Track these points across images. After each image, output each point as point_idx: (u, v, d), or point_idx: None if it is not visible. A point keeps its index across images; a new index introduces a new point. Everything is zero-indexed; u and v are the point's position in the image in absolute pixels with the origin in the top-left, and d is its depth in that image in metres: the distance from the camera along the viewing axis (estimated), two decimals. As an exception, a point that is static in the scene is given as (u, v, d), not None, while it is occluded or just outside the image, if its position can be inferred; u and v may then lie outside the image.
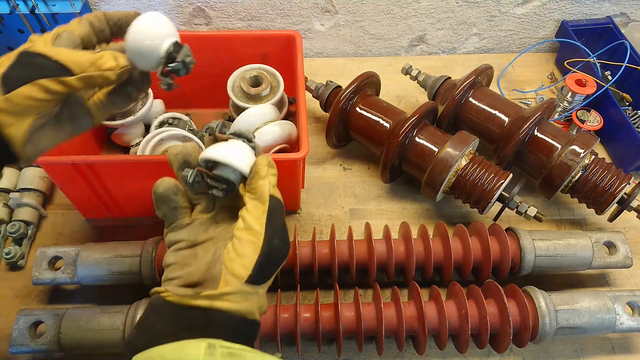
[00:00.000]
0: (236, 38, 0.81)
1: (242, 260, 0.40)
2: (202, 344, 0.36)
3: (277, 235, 0.42)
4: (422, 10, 0.98)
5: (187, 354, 0.36)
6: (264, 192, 0.43)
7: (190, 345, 0.37)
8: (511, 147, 0.73)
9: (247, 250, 0.41)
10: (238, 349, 0.37)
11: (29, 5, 0.87)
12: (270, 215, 0.42)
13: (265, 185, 0.43)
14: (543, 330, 0.60)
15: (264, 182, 0.43)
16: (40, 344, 0.58)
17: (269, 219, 0.42)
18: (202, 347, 0.36)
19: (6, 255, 0.70)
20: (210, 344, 0.36)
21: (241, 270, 0.40)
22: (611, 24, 1.00)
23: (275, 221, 0.42)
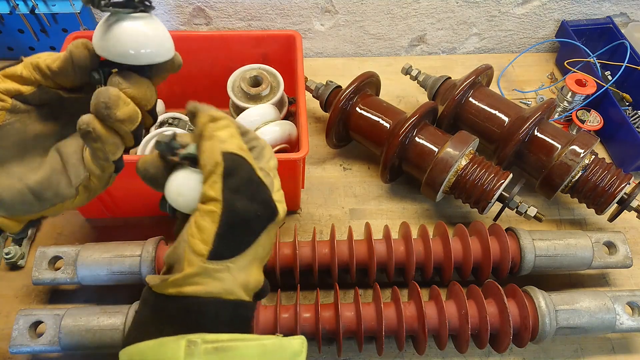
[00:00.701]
0: (236, 38, 0.81)
1: (201, 234, 0.34)
2: (182, 341, 0.32)
3: (240, 196, 0.35)
4: (422, 10, 0.98)
5: (166, 353, 0.32)
6: (212, 152, 0.35)
7: (169, 343, 0.32)
8: (511, 147, 0.73)
9: (206, 222, 0.34)
10: (226, 340, 0.33)
11: (29, 5, 0.87)
12: (227, 177, 0.35)
13: (212, 145, 0.36)
14: (543, 330, 0.60)
15: (210, 142, 0.36)
16: (40, 344, 0.58)
17: (226, 180, 0.35)
18: (182, 345, 0.32)
19: (6, 255, 0.70)
20: (191, 341, 0.32)
21: (201, 247, 0.34)
22: (611, 24, 1.00)
23: (235, 181, 0.35)
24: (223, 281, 0.35)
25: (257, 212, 0.36)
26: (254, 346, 0.34)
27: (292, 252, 0.66)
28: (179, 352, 0.32)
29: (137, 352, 0.34)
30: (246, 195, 0.35)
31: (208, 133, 0.36)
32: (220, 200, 0.34)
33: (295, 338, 0.36)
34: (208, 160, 0.35)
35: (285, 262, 0.66)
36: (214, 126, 0.36)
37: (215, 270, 0.34)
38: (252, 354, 0.34)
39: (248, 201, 0.35)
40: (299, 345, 0.35)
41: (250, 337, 0.35)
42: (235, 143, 0.36)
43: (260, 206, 0.36)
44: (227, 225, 0.34)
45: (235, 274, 0.35)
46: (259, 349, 0.34)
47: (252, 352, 0.34)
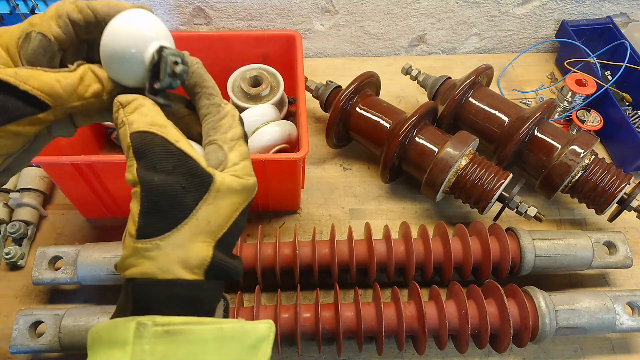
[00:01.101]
0: (236, 38, 0.81)
1: (131, 216, 0.34)
2: (132, 323, 0.31)
3: (157, 172, 0.33)
4: (422, 10, 0.98)
5: (117, 334, 0.32)
6: (124, 137, 0.35)
7: (120, 324, 0.32)
8: (511, 147, 0.73)
9: (133, 204, 0.34)
10: (178, 324, 0.32)
11: (29, 5, 0.87)
12: (139, 156, 0.34)
13: (123, 131, 0.35)
14: (543, 330, 0.60)
15: (122, 129, 0.35)
16: (40, 344, 0.58)
17: (140, 161, 0.34)
18: (131, 327, 0.31)
19: (6, 255, 0.70)
20: (141, 323, 0.31)
21: (131, 227, 0.33)
22: (611, 24, 1.00)
23: (148, 158, 0.34)
24: (155, 260, 0.33)
25: (182, 183, 0.34)
26: (210, 330, 0.32)
27: (292, 252, 0.66)
28: (129, 334, 0.31)
29: (96, 331, 0.33)
30: (164, 170, 0.34)
31: (120, 120, 0.35)
32: (137, 179, 0.33)
33: (261, 322, 0.34)
34: (123, 146, 0.35)
35: (285, 262, 0.66)
36: (124, 112, 0.35)
37: (144, 250, 0.33)
38: (206, 338, 0.32)
39: (167, 174, 0.34)
40: (265, 330, 0.34)
41: (207, 320, 0.33)
42: (144, 121, 0.35)
43: (184, 178, 0.34)
44: (148, 202, 0.33)
45: (169, 252, 0.33)
46: (215, 332, 0.32)
47: (206, 336, 0.32)
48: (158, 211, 0.33)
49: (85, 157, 0.62)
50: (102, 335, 0.33)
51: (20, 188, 0.74)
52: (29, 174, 0.75)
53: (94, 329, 0.34)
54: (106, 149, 0.84)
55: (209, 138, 0.37)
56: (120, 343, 0.31)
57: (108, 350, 0.32)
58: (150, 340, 0.31)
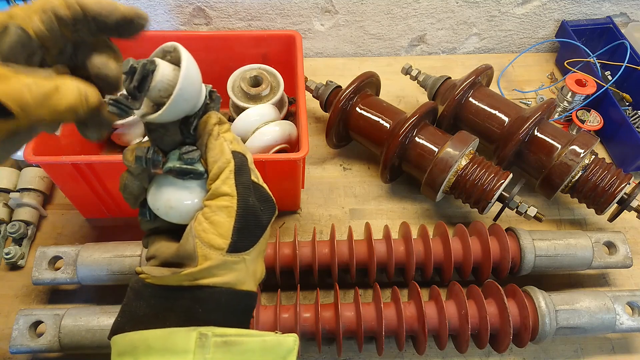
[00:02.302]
0: (236, 38, 0.81)
1: (217, 229, 0.35)
2: (193, 333, 0.33)
3: (250, 193, 0.37)
4: (422, 10, 0.98)
5: (176, 344, 0.33)
6: (223, 150, 0.36)
7: (179, 334, 0.33)
8: (511, 147, 0.73)
9: (221, 217, 0.35)
10: (234, 335, 0.34)
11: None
12: (238, 173, 0.36)
13: (221, 144, 0.37)
14: (543, 330, 0.60)
15: (219, 141, 0.37)
16: (40, 344, 0.58)
17: (238, 177, 0.36)
18: (193, 337, 0.33)
19: (6, 255, 0.70)
20: (202, 334, 0.33)
21: (219, 240, 0.35)
22: (611, 24, 1.00)
23: (244, 178, 0.37)
24: (239, 272, 0.36)
25: (261, 207, 0.38)
26: (257, 342, 0.36)
27: (292, 252, 0.66)
28: (190, 343, 0.33)
29: (142, 339, 0.34)
30: (255, 193, 0.38)
31: (216, 133, 0.37)
32: (235, 195, 0.36)
33: (289, 336, 0.38)
34: (218, 157, 0.37)
35: (285, 262, 0.66)
36: (222, 128, 0.38)
37: (233, 262, 0.36)
38: (254, 349, 0.36)
39: (256, 199, 0.38)
40: (292, 343, 0.38)
41: (253, 332, 0.37)
42: (240, 146, 0.39)
43: (262, 201, 0.38)
44: (243, 219, 0.36)
45: (249, 265, 0.37)
46: (260, 344, 0.36)
47: (254, 347, 0.36)
48: (248, 228, 0.37)
49: (85, 157, 0.62)
50: (153, 344, 0.34)
51: (20, 188, 0.74)
52: (29, 174, 0.75)
53: (134, 337, 0.34)
54: (106, 149, 0.84)
55: None
56: (180, 352, 0.33)
57: (163, 358, 0.33)
58: (211, 350, 0.33)
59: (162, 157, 0.37)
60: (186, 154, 0.37)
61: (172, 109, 0.34)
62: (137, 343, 0.34)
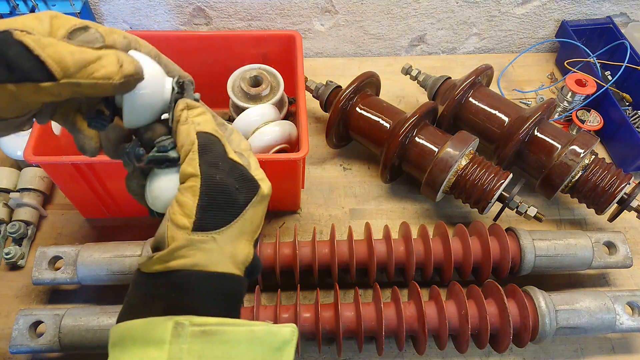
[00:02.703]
0: (236, 38, 0.81)
1: (183, 209, 0.35)
2: (169, 322, 0.32)
3: (218, 170, 0.36)
4: (422, 10, 0.98)
5: (154, 332, 0.32)
6: (188, 133, 0.36)
7: (157, 323, 0.33)
8: (511, 147, 0.73)
9: (186, 197, 0.35)
10: (214, 324, 0.33)
11: (29, 5, 0.87)
12: (203, 152, 0.36)
13: (187, 127, 0.37)
14: (543, 330, 0.60)
15: (186, 126, 0.37)
16: (40, 344, 0.58)
17: (203, 156, 0.36)
18: (169, 326, 0.32)
19: (6, 255, 0.70)
20: (178, 323, 0.32)
21: (184, 220, 0.34)
22: (611, 24, 1.00)
23: (211, 157, 0.36)
24: (209, 252, 0.35)
25: (236, 185, 0.36)
26: (243, 332, 0.34)
27: (292, 252, 0.66)
28: (166, 333, 0.32)
29: (127, 329, 0.34)
30: (224, 170, 0.36)
31: (184, 118, 0.37)
32: (199, 174, 0.35)
33: (286, 326, 0.36)
34: (184, 141, 0.36)
35: (285, 262, 0.66)
36: (190, 112, 0.38)
37: (200, 242, 0.34)
38: (239, 339, 0.34)
39: (226, 175, 0.36)
40: (289, 334, 0.35)
41: (239, 322, 0.34)
42: (209, 126, 0.38)
43: (239, 180, 0.37)
44: (208, 197, 0.35)
45: (222, 245, 0.35)
46: (247, 334, 0.34)
47: (239, 338, 0.34)
48: (216, 206, 0.35)
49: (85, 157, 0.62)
50: (135, 334, 0.33)
51: (20, 188, 0.74)
52: (29, 174, 0.75)
53: (121, 327, 0.34)
54: (106, 149, 0.84)
55: None
56: (158, 342, 0.32)
57: (143, 349, 0.32)
58: (187, 340, 0.32)
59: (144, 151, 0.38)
60: (159, 142, 0.38)
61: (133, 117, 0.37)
62: (124, 333, 0.34)
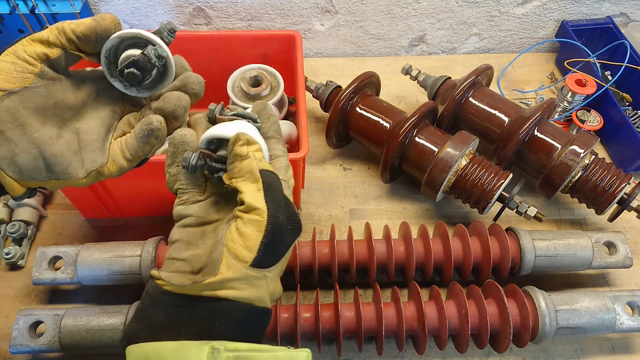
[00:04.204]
0: (236, 38, 0.81)
1: (245, 241, 0.36)
2: (205, 347, 0.33)
3: (281, 210, 0.37)
4: (422, 10, 0.98)
5: (188, 357, 0.33)
6: (252, 168, 0.38)
7: (192, 348, 0.34)
8: (511, 147, 0.73)
9: (250, 230, 0.36)
10: (246, 350, 0.34)
11: (29, 5, 0.87)
12: (267, 190, 0.37)
13: (250, 162, 0.38)
14: (543, 330, 0.60)
15: (248, 161, 0.38)
16: (40, 344, 0.58)
17: (267, 194, 0.37)
18: (205, 351, 0.33)
19: (6, 255, 0.70)
20: (214, 348, 0.33)
21: (245, 253, 0.36)
22: (611, 24, 1.00)
23: (275, 195, 0.38)
24: (259, 288, 0.37)
25: (288, 225, 0.38)
26: (269, 357, 0.35)
27: (292, 252, 0.66)
28: (202, 357, 0.33)
29: (154, 352, 0.34)
30: (284, 211, 0.38)
31: (244, 153, 0.39)
32: (266, 210, 0.36)
33: (301, 351, 0.37)
34: (248, 175, 0.38)
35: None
36: (249, 148, 0.39)
37: (255, 278, 0.36)
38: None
39: (286, 216, 0.38)
40: (304, 358, 0.37)
41: (265, 347, 0.36)
42: (268, 164, 0.40)
43: (291, 221, 0.38)
44: (271, 236, 0.36)
45: (269, 283, 0.38)
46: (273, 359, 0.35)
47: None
48: (274, 246, 0.37)
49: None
50: (166, 356, 0.34)
51: (20, 188, 0.74)
52: (29, 174, 0.75)
53: (148, 348, 0.35)
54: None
55: None
56: None
57: None
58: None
59: None
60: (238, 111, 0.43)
61: None
62: (151, 355, 0.34)
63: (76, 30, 0.40)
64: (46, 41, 0.39)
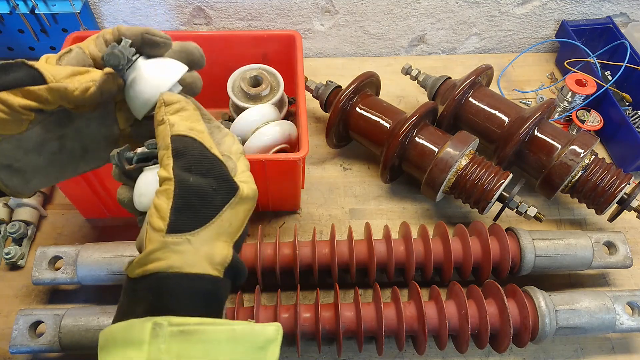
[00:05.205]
0: (236, 38, 0.81)
1: (158, 212, 0.35)
2: (148, 323, 0.32)
3: (192, 172, 0.36)
4: (422, 10, 0.98)
5: (133, 334, 0.33)
6: (164, 136, 0.38)
7: (136, 325, 0.33)
8: (511, 147, 0.73)
9: (161, 200, 0.36)
10: (193, 324, 0.33)
11: (29, 5, 0.87)
12: (177, 157, 0.36)
13: (163, 129, 0.38)
14: (543, 330, 0.60)
15: (162, 127, 0.38)
16: (40, 344, 0.58)
17: (177, 160, 0.36)
18: (148, 327, 0.32)
19: (6, 255, 0.70)
20: (157, 323, 0.32)
21: (159, 222, 0.35)
22: (611, 24, 1.00)
23: (185, 160, 0.36)
24: (184, 254, 0.35)
25: (213, 186, 0.36)
26: (223, 331, 0.34)
27: (292, 252, 0.66)
28: (145, 334, 0.32)
29: (110, 332, 0.34)
30: (199, 172, 0.36)
31: (160, 117, 0.38)
32: (172, 177, 0.36)
33: (269, 324, 0.35)
34: (161, 144, 0.37)
35: (285, 262, 0.66)
36: (166, 110, 0.39)
37: (174, 243, 0.35)
38: (219, 339, 0.33)
39: (201, 177, 0.36)
40: (273, 332, 0.35)
41: (219, 321, 0.34)
42: (184, 125, 0.38)
43: (216, 181, 0.37)
44: (181, 199, 0.35)
45: (197, 247, 0.35)
46: (228, 333, 0.34)
47: (220, 337, 0.33)
48: (190, 208, 0.35)
49: (85, 157, 0.62)
50: (117, 336, 0.33)
51: (20, 188, 0.74)
52: (29, 174, 0.75)
53: (106, 331, 0.34)
54: (106, 149, 0.84)
55: None
56: (137, 343, 0.32)
57: (123, 350, 0.33)
58: (166, 340, 0.32)
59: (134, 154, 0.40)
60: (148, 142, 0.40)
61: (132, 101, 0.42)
62: (108, 336, 0.34)
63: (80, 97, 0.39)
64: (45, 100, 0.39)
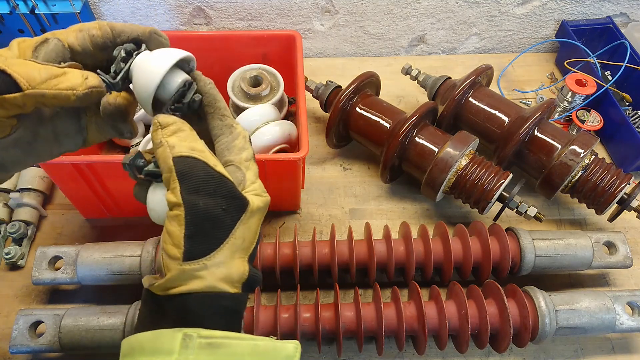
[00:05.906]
0: (236, 38, 0.81)
1: (172, 239, 0.35)
2: (179, 334, 0.34)
3: (200, 195, 0.36)
4: (422, 10, 0.98)
5: (162, 343, 0.34)
6: (165, 159, 0.36)
7: (166, 335, 0.34)
8: (511, 147, 0.73)
9: (173, 227, 0.35)
10: (220, 337, 0.34)
11: (29, 5, 0.87)
12: (183, 179, 0.36)
13: (163, 152, 0.37)
14: (543, 330, 0.60)
15: (161, 149, 0.37)
16: (40, 344, 0.58)
17: (183, 183, 0.35)
18: (178, 338, 0.33)
19: (6, 255, 0.70)
20: (187, 335, 0.34)
21: (174, 251, 0.35)
22: (611, 24, 1.00)
23: (191, 182, 0.36)
24: (202, 279, 0.36)
25: (222, 206, 0.36)
26: (247, 345, 0.35)
27: (292, 252, 0.66)
28: (175, 344, 0.33)
29: (136, 341, 0.35)
30: (207, 192, 0.36)
31: (157, 140, 0.37)
32: (181, 203, 0.35)
33: (289, 342, 0.37)
34: (163, 167, 0.37)
35: (285, 262, 0.66)
36: (162, 133, 0.37)
37: (192, 270, 0.35)
38: (244, 352, 0.35)
39: (209, 197, 0.36)
40: (292, 349, 0.36)
41: (243, 336, 0.36)
42: (185, 145, 0.37)
43: (225, 200, 0.36)
44: (193, 226, 0.35)
45: (214, 270, 0.36)
46: (251, 348, 0.35)
47: (244, 351, 0.35)
48: (202, 233, 0.36)
49: (85, 157, 0.62)
50: (145, 345, 0.34)
51: (20, 188, 0.74)
52: (29, 174, 0.75)
53: (132, 339, 0.35)
54: (106, 149, 0.84)
55: (224, 158, 0.40)
56: (166, 352, 0.33)
57: (150, 359, 0.34)
58: (194, 351, 0.33)
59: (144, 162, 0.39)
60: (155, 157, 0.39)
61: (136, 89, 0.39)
62: (134, 345, 0.35)
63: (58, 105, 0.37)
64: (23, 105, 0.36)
